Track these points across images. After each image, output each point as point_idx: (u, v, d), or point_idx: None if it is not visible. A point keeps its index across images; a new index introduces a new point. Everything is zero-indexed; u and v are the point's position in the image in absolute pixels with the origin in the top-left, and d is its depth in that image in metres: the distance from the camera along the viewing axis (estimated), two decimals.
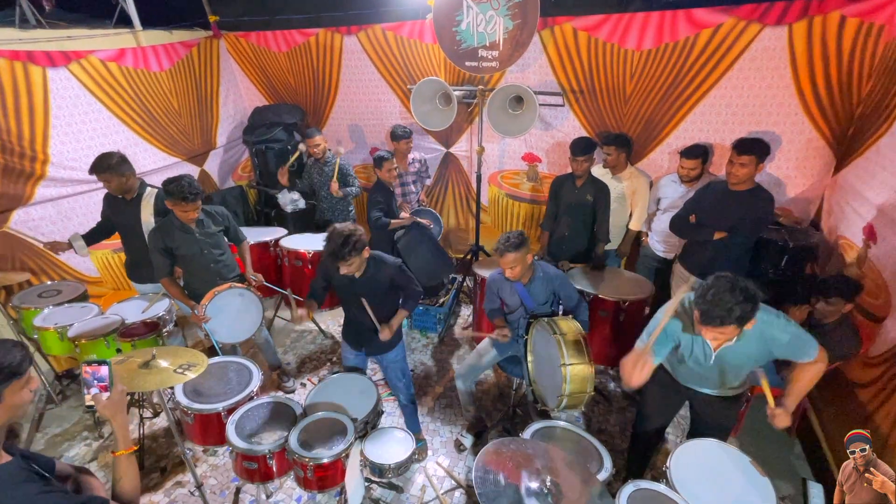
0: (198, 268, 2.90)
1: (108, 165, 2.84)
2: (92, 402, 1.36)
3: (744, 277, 1.76)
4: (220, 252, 2.95)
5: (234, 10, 4.50)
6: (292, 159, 4.38)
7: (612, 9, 3.37)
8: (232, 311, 2.91)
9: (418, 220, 3.78)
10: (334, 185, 3.91)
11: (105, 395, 1.36)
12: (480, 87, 3.76)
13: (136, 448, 1.42)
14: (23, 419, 3.09)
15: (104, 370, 1.36)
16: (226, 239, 3.04)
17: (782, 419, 1.92)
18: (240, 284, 2.95)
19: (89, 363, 1.36)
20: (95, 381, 1.36)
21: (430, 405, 3.38)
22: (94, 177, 2.94)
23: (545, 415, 2.47)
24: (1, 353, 1.14)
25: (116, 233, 3.21)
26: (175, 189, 2.59)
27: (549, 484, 1.61)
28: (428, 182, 4.51)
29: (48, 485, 1.22)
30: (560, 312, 2.50)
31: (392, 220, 3.66)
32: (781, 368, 2.79)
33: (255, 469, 2.05)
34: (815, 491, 2.68)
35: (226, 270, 3.01)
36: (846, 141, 3.14)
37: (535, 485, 1.64)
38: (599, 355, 3.17)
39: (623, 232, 3.74)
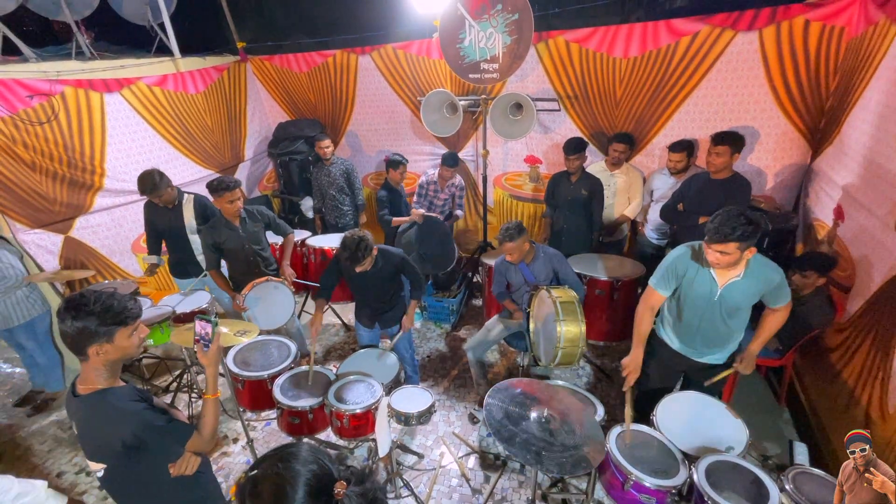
0: (240, 261, 3.30)
1: (155, 184, 3.20)
2: (196, 349, 1.71)
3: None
4: (259, 247, 3.35)
5: (260, 36, 5.00)
6: None
7: (599, 22, 3.75)
8: (268, 302, 3.28)
9: (425, 213, 4.07)
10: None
11: (206, 349, 1.71)
12: (483, 96, 4.14)
13: (219, 394, 1.76)
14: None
15: (208, 327, 1.70)
16: (266, 236, 3.43)
17: (748, 362, 2.21)
18: (276, 278, 3.33)
19: (201, 319, 1.71)
20: (198, 336, 1.71)
21: (446, 385, 3.70)
22: None
23: (544, 379, 2.78)
24: (117, 301, 1.47)
25: None
26: (217, 184, 3.02)
27: (546, 415, 1.93)
28: (459, 213, 4.56)
29: (151, 405, 1.58)
30: None
31: (394, 218, 4.11)
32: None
33: (298, 423, 2.40)
34: (800, 450, 2.96)
35: (264, 264, 3.40)
36: (819, 132, 3.44)
37: (535, 414, 1.97)
38: (597, 331, 3.46)
39: (625, 227, 4.08)
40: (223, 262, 3.35)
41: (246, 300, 3.15)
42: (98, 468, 1.51)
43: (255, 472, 0.97)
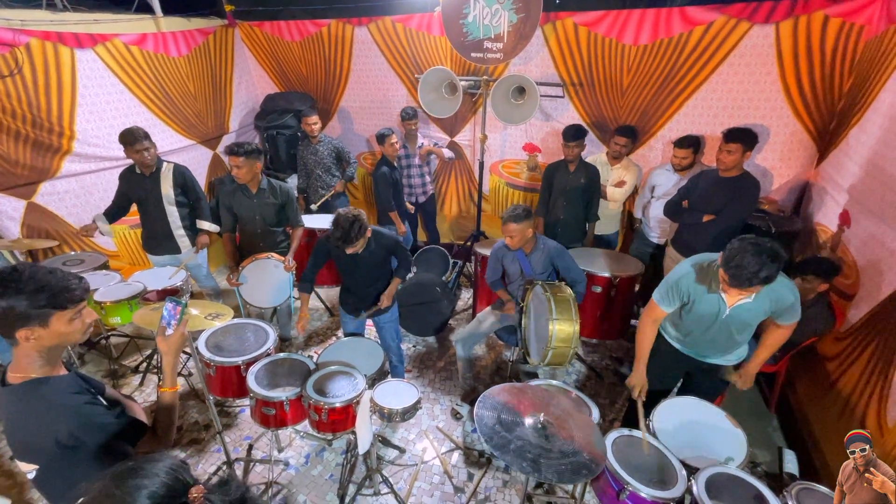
0: (248, 231, 3.18)
1: (135, 138, 3.03)
2: (158, 332, 1.50)
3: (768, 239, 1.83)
4: (271, 224, 3.18)
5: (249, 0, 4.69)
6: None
7: (611, 5, 3.57)
8: (266, 279, 3.15)
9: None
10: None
11: (169, 332, 1.49)
12: (485, 77, 3.95)
13: (178, 388, 1.55)
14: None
15: (177, 310, 1.48)
16: (286, 217, 3.29)
17: (746, 380, 2.11)
18: (279, 257, 3.14)
19: (171, 301, 1.49)
20: (165, 318, 1.49)
21: (431, 377, 3.57)
22: (114, 155, 3.13)
23: (533, 376, 2.66)
24: (56, 279, 1.23)
25: (132, 209, 3.36)
26: (232, 146, 3.02)
27: (542, 420, 1.81)
28: (448, 153, 4.50)
29: (95, 399, 1.35)
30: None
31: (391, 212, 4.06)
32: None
33: (273, 415, 2.23)
34: (790, 457, 2.91)
35: (271, 242, 3.23)
36: (828, 134, 3.34)
37: (530, 420, 1.83)
38: (593, 329, 3.36)
39: (618, 218, 3.95)
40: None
41: (241, 276, 3.06)
42: (29, 469, 1.30)
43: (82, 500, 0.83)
